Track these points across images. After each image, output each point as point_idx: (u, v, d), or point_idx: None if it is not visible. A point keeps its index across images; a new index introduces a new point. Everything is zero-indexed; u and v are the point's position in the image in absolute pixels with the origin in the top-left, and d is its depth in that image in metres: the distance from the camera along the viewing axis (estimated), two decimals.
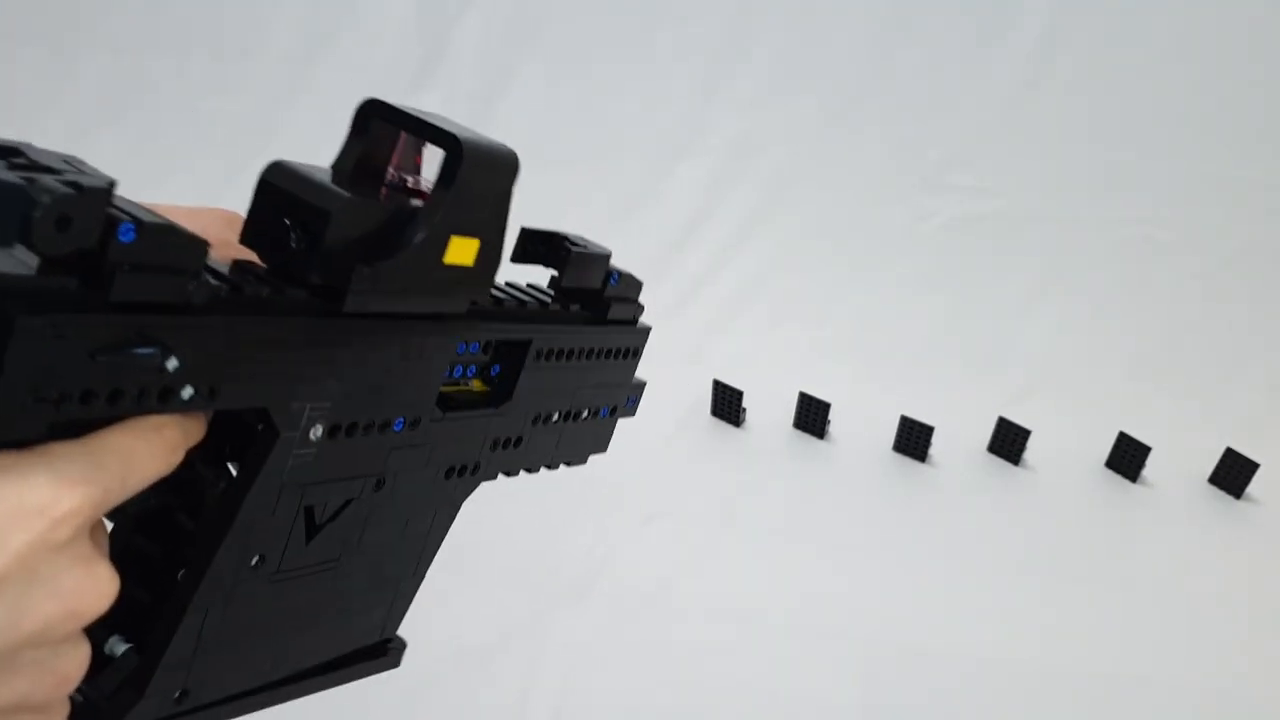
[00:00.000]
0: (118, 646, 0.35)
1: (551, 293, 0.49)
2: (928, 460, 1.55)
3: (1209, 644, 1.27)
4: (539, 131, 1.87)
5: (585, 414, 0.53)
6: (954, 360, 1.73)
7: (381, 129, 0.40)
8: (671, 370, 1.66)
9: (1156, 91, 1.74)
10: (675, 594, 1.23)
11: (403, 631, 0.49)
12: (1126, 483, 1.55)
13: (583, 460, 0.55)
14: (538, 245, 0.48)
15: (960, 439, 1.58)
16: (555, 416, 0.50)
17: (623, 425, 0.57)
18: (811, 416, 1.57)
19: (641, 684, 1.11)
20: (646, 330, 0.56)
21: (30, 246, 0.26)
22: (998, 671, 1.19)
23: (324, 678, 0.44)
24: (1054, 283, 1.78)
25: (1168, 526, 1.48)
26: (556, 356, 0.48)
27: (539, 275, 0.50)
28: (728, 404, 1.57)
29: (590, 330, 0.50)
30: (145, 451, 0.31)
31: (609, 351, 0.53)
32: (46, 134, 0.30)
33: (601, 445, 0.56)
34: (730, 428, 1.58)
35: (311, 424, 0.36)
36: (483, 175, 0.38)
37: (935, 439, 1.53)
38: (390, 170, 0.40)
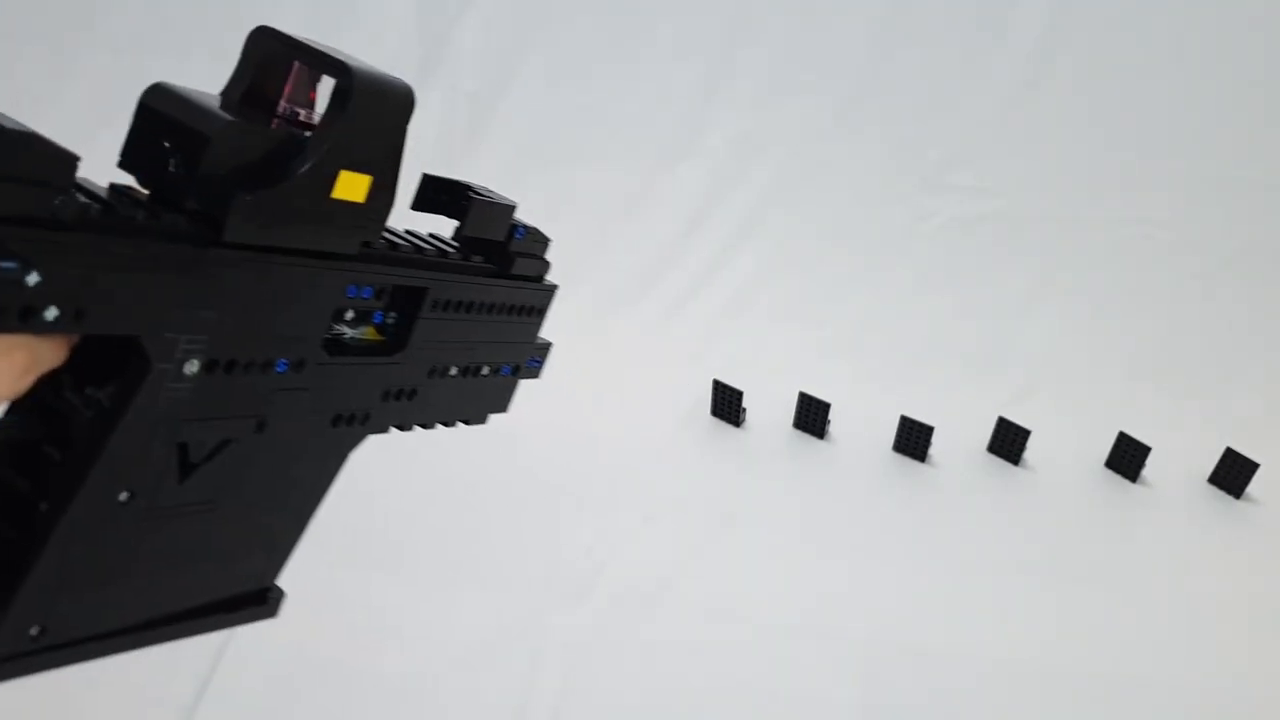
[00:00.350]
0: None
1: (454, 244, 0.48)
2: (928, 460, 1.55)
3: (1208, 644, 1.27)
4: (539, 131, 1.87)
5: (485, 370, 0.51)
6: (954, 360, 1.73)
7: (273, 58, 0.38)
8: (671, 370, 1.66)
9: (1156, 91, 1.74)
10: (675, 594, 1.23)
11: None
12: (1126, 483, 1.55)
13: (482, 420, 0.53)
14: (439, 193, 0.47)
15: (960, 439, 1.58)
16: (453, 370, 0.49)
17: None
18: (811, 416, 1.57)
19: (641, 684, 1.11)
20: (552, 289, 0.54)
21: None
22: (997, 671, 1.19)
23: (197, 622, 0.43)
24: (1054, 282, 1.78)
25: (1167, 526, 1.48)
26: (455, 308, 0.47)
27: (445, 227, 0.49)
28: (728, 404, 1.57)
29: (492, 283, 0.49)
30: None
31: (511, 307, 0.51)
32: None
33: (501, 405, 0.55)
34: (730, 428, 1.58)
35: (187, 357, 0.35)
36: (375, 108, 0.37)
37: (935, 439, 1.53)
38: (282, 103, 0.39)
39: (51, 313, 0.30)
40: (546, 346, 0.55)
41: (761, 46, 1.82)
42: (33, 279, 0.28)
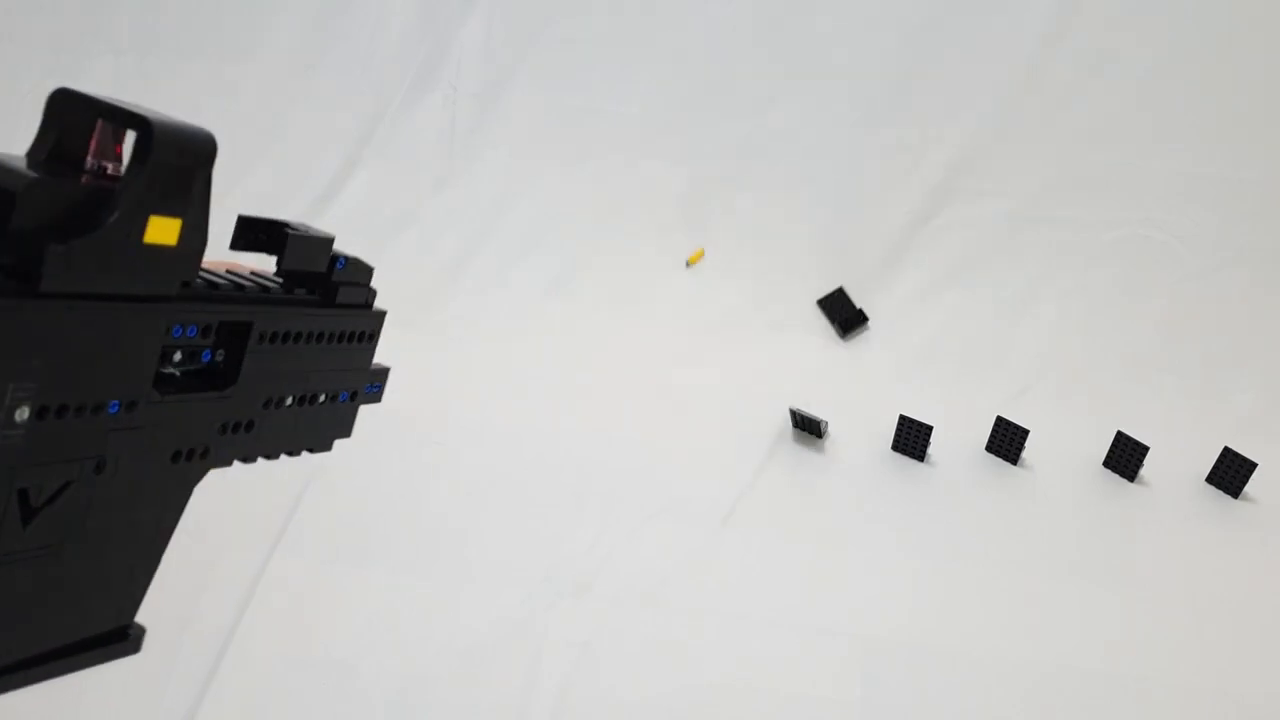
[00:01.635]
0: None
1: (278, 280, 0.49)
2: (926, 460, 1.55)
3: (1207, 643, 1.27)
4: (539, 132, 1.87)
5: (322, 398, 0.53)
6: (953, 359, 1.73)
7: (76, 117, 0.40)
8: (672, 371, 1.67)
9: (1157, 92, 1.74)
10: (674, 593, 1.24)
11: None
12: (1124, 482, 1.55)
13: (327, 447, 0.55)
14: (256, 232, 0.49)
15: (959, 438, 1.58)
16: (289, 400, 0.50)
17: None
18: (810, 422, 1.57)
19: (641, 683, 1.11)
20: (381, 314, 0.55)
21: None
22: (996, 670, 1.19)
23: (52, 665, 0.43)
24: (1052, 282, 1.78)
25: (1165, 526, 1.48)
26: (283, 339, 0.48)
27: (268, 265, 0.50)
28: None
29: (318, 313, 0.50)
30: None
31: (340, 335, 0.52)
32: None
33: (344, 430, 0.56)
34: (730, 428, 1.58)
35: (17, 405, 0.36)
36: (177, 155, 0.38)
37: (933, 438, 1.54)
38: (89, 159, 0.40)
39: None
40: (385, 371, 0.57)
41: (762, 46, 1.83)
42: None
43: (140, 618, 0.45)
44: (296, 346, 0.49)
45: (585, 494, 1.35)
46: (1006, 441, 1.55)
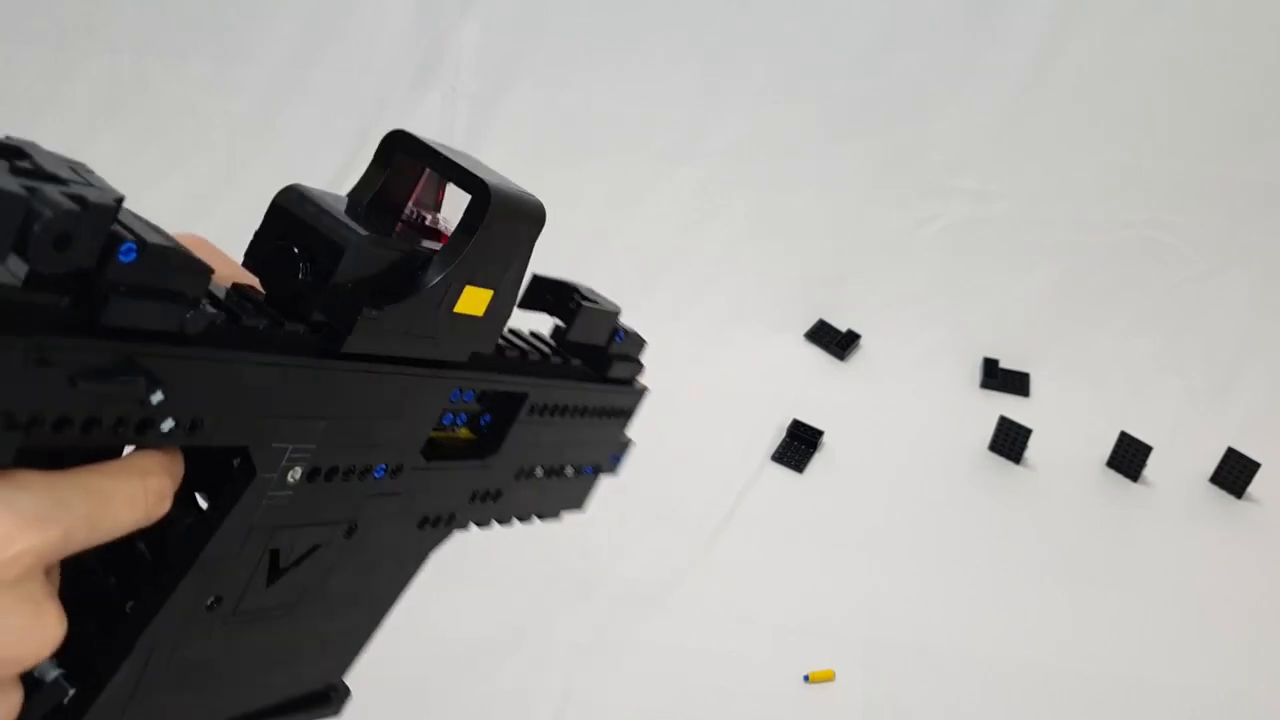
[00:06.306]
0: (49, 672, 0.32)
1: (553, 344, 0.47)
2: (929, 461, 1.54)
3: (1209, 644, 1.27)
4: (539, 132, 1.86)
5: (569, 471, 0.51)
6: (954, 360, 1.73)
7: (405, 162, 0.37)
8: (670, 370, 1.66)
9: (1157, 92, 1.74)
10: (678, 594, 1.23)
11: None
12: (1127, 482, 1.55)
13: (556, 516, 0.53)
14: (546, 294, 0.47)
15: (960, 439, 1.58)
16: (539, 471, 0.48)
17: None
18: (810, 426, 1.57)
19: (644, 684, 1.11)
20: (643, 391, 0.53)
21: (26, 261, 0.24)
22: (997, 671, 1.19)
23: None
24: (1053, 282, 1.78)
25: (1168, 526, 1.47)
26: (551, 412, 0.46)
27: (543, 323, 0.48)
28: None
29: (588, 388, 0.48)
30: (123, 498, 0.28)
31: (603, 410, 0.50)
32: (46, 134, 0.28)
33: (578, 502, 0.54)
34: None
35: (292, 466, 0.34)
36: (507, 226, 0.36)
37: (936, 438, 1.53)
38: (409, 205, 0.38)
39: (168, 425, 0.29)
40: (627, 444, 0.55)
41: (762, 47, 1.82)
42: (157, 397, 0.28)
43: None
44: (562, 420, 0.47)
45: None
46: (1009, 441, 1.55)
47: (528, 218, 0.37)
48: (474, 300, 0.36)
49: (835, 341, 1.74)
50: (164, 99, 1.92)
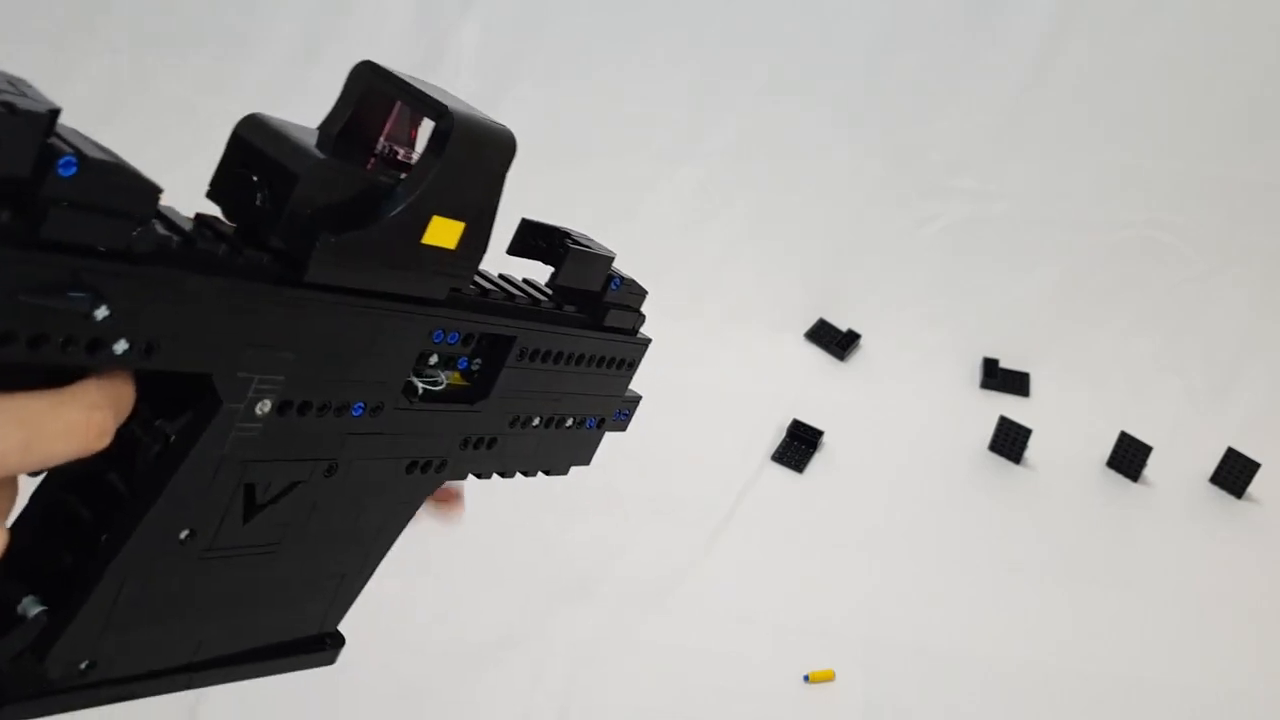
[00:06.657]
0: (31, 608, 0.32)
1: (549, 292, 0.46)
2: (929, 461, 1.54)
3: (1209, 644, 1.27)
4: (539, 132, 1.86)
5: (570, 422, 0.50)
6: (954, 361, 1.73)
7: (375, 95, 0.37)
8: (666, 370, 1.66)
9: (1157, 92, 1.74)
10: (678, 594, 1.23)
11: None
12: (1127, 482, 1.55)
13: (563, 471, 0.52)
14: (537, 239, 0.46)
15: (961, 439, 1.58)
16: (536, 421, 0.48)
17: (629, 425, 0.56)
18: (810, 426, 1.56)
19: (644, 684, 1.11)
20: (646, 342, 0.52)
21: None
22: (997, 671, 1.19)
23: (250, 666, 0.42)
24: (1054, 282, 1.78)
25: (1169, 526, 1.47)
26: (543, 358, 0.45)
27: (540, 273, 0.49)
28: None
29: (584, 335, 0.47)
30: (60, 426, 0.28)
31: (602, 359, 0.49)
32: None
33: (584, 457, 0.53)
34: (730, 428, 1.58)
35: (260, 398, 0.34)
36: (474, 153, 0.36)
37: (936, 438, 1.53)
38: (381, 140, 0.38)
39: (120, 346, 0.29)
40: (636, 399, 0.54)
41: (762, 47, 1.82)
42: (101, 312, 0.28)
43: None
44: (555, 367, 0.46)
45: (586, 495, 1.35)
46: (1009, 441, 1.55)
47: (495, 144, 0.37)
48: (444, 232, 0.36)
49: (835, 341, 1.74)
50: (164, 98, 1.92)
